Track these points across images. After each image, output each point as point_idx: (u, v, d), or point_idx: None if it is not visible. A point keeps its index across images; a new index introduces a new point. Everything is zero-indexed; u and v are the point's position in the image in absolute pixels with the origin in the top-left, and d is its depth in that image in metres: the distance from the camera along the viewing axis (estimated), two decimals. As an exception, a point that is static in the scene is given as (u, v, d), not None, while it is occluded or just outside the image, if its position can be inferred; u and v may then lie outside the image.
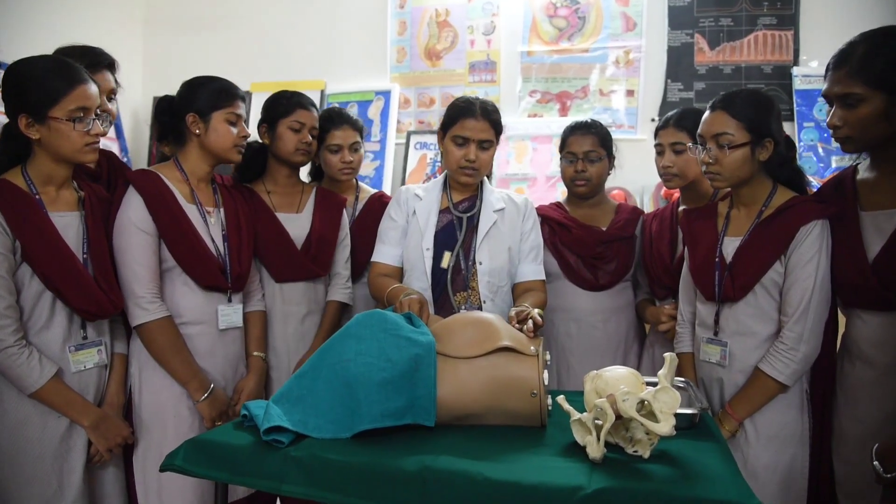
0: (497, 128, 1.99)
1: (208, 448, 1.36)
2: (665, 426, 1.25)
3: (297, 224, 2.08)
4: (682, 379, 1.71)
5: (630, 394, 1.28)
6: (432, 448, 1.32)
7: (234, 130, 1.83)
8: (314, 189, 2.20)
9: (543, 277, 2.02)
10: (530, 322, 1.55)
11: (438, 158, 3.63)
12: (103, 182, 1.81)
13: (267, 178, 2.14)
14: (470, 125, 1.93)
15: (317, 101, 3.70)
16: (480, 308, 1.92)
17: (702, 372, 1.82)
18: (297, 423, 1.39)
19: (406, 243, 2.00)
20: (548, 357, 1.69)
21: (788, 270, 1.66)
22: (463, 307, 1.93)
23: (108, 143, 3.60)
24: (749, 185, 1.74)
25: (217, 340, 1.81)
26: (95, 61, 1.84)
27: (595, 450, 1.26)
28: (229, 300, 1.83)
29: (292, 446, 1.34)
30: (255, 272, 2.00)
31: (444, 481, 1.21)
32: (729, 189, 1.81)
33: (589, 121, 2.24)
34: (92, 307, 1.56)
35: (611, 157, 2.23)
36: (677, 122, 2.04)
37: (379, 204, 2.30)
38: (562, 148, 2.24)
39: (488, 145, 1.97)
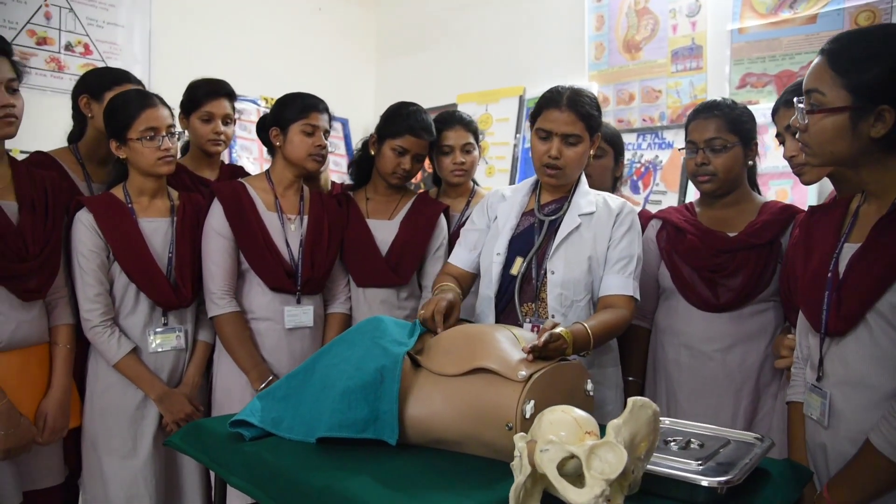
0: (589, 122, 1.71)
1: (201, 432, 1.47)
2: (585, 495, 0.94)
3: (386, 231, 2.09)
4: (755, 435, 1.26)
5: (554, 444, 0.99)
6: (363, 468, 1.22)
7: (310, 141, 1.93)
8: (414, 197, 2.17)
9: (631, 293, 1.67)
10: (535, 341, 1.31)
11: (636, 159, 3.28)
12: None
13: (370, 184, 2.19)
14: (553, 117, 1.70)
15: (514, 107, 3.70)
16: None
17: (808, 432, 1.31)
18: (270, 421, 1.41)
19: (484, 247, 1.86)
20: (589, 387, 1.43)
21: None
22: (528, 320, 1.72)
23: (339, 160, 4.11)
24: (871, 167, 1.19)
25: (284, 338, 1.93)
26: (215, 90, 2.14)
27: (511, 507, 1.02)
28: (298, 301, 1.94)
29: (254, 441, 1.36)
30: (343, 276, 2.08)
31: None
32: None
33: (717, 100, 1.80)
34: (161, 299, 1.83)
35: (747, 145, 1.75)
36: (787, 100, 1.51)
37: (489, 207, 2.17)
38: (685, 136, 1.84)
39: (575, 140, 1.71)
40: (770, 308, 1.73)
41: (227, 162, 3.40)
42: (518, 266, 1.76)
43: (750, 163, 1.79)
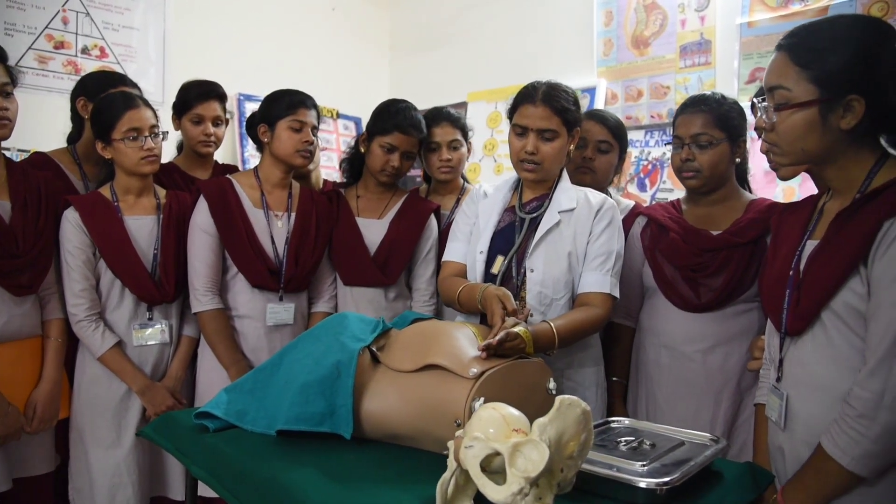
0: (566, 116, 1.68)
1: (172, 423, 1.50)
2: (503, 492, 0.94)
3: (375, 230, 2.08)
4: (711, 436, 1.23)
5: (478, 440, 0.99)
6: (312, 461, 1.24)
7: (298, 137, 1.94)
8: (405, 196, 2.16)
9: (608, 290, 1.64)
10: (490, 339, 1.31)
11: (644, 156, 3.23)
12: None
13: (360, 182, 2.19)
14: (528, 112, 1.69)
15: (523, 106, 3.67)
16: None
17: (769, 434, 1.27)
18: (234, 413, 1.43)
19: (468, 245, 1.85)
20: (551, 386, 1.42)
21: (871, 290, 1.06)
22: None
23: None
24: (835, 162, 1.16)
25: (265, 335, 1.95)
26: (206, 92, 2.19)
27: None
28: (280, 299, 1.96)
29: (217, 433, 1.39)
30: (329, 274, 2.09)
31: (273, 494, 1.14)
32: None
33: (706, 94, 1.76)
34: (144, 294, 1.88)
35: (735, 141, 1.70)
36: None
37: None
38: (672, 131, 1.80)
39: (551, 136, 1.69)
40: (753, 309, 1.68)
41: (240, 160, 3.49)
42: (499, 265, 1.74)
43: (738, 160, 1.75)
